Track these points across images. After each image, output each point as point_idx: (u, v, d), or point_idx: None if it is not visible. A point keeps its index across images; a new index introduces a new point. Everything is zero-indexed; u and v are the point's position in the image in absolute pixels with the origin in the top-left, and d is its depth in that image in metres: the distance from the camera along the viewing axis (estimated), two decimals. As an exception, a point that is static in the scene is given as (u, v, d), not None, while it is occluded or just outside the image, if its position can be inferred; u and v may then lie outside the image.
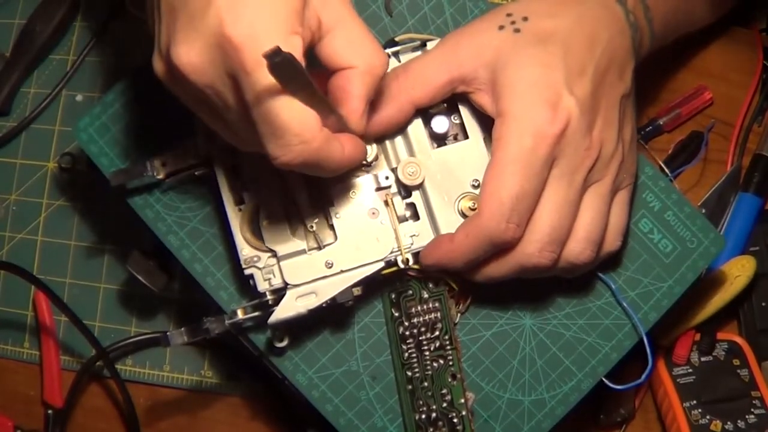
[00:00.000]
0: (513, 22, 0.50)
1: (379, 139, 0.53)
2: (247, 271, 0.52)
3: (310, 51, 0.46)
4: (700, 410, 0.65)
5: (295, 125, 0.42)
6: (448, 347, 0.54)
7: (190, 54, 0.42)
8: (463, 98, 0.52)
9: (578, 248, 0.50)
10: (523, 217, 0.48)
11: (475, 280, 0.52)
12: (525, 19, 0.50)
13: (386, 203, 0.53)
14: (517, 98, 0.48)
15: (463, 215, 0.52)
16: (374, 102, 0.50)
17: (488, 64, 0.49)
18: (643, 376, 0.53)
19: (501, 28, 0.50)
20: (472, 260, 0.50)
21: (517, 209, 0.48)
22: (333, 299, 0.51)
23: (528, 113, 0.48)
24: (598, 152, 0.49)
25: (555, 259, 0.49)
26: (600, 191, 0.50)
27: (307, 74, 0.41)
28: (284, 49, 0.38)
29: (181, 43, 0.42)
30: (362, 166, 0.53)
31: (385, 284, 0.55)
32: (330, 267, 0.51)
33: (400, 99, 0.51)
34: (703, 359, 0.67)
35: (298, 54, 0.42)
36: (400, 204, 0.53)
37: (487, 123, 0.53)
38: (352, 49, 0.46)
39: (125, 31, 0.74)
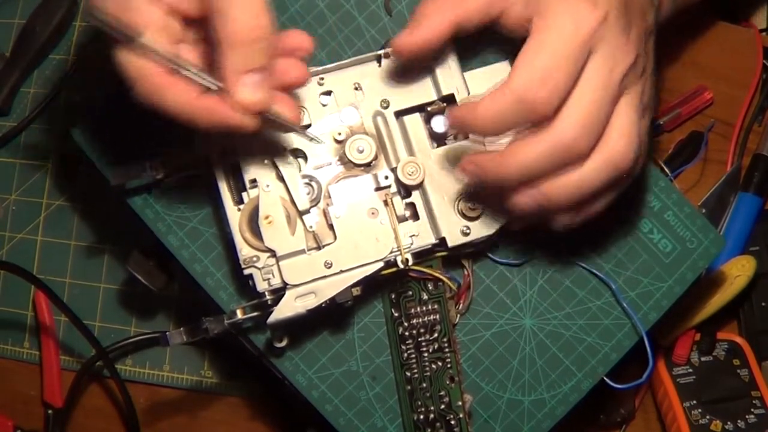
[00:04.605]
0: None
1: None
2: (246, 271, 0.52)
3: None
4: (700, 410, 0.65)
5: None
6: (447, 350, 0.54)
7: None
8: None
9: (622, 146, 0.47)
10: (556, 89, 0.46)
11: (509, 174, 0.48)
12: None
13: (386, 203, 0.53)
14: None
15: (463, 215, 0.52)
16: (409, 23, 0.50)
17: None
18: (644, 376, 0.53)
19: None
20: (498, 125, 0.47)
21: (552, 78, 0.45)
22: (332, 299, 0.51)
23: (568, 6, 0.47)
24: (635, 55, 0.48)
25: (590, 147, 0.47)
26: (633, 102, 0.48)
27: None
28: None
29: None
30: (362, 166, 0.53)
31: (385, 284, 0.55)
32: (329, 267, 0.51)
33: (437, 18, 0.50)
34: (703, 359, 0.67)
35: None
36: (399, 204, 0.53)
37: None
38: None
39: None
